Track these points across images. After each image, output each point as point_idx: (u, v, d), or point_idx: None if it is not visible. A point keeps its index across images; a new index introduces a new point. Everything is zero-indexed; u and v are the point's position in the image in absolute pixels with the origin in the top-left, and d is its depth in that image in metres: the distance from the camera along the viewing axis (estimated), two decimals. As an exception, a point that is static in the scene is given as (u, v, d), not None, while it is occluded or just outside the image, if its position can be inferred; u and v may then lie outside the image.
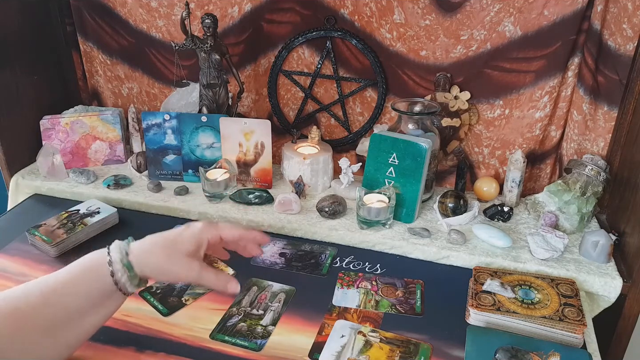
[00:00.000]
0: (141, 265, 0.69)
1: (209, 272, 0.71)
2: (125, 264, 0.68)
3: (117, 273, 0.67)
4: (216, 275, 0.72)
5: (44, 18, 1.31)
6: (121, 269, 0.68)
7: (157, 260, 0.69)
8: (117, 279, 0.67)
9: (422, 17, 1.11)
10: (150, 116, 1.19)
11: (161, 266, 0.69)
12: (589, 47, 1.04)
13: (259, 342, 0.80)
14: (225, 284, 0.72)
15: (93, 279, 0.68)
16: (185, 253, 0.70)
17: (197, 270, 0.70)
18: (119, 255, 0.68)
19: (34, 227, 1.02)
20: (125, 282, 0.68)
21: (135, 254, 0.69)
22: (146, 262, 0.69)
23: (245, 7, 1.20)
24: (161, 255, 0.70)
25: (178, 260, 0.70)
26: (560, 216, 1.06)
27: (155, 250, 0.70)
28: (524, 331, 0.80)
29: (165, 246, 0.70)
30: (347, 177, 1.17)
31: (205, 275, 0.71)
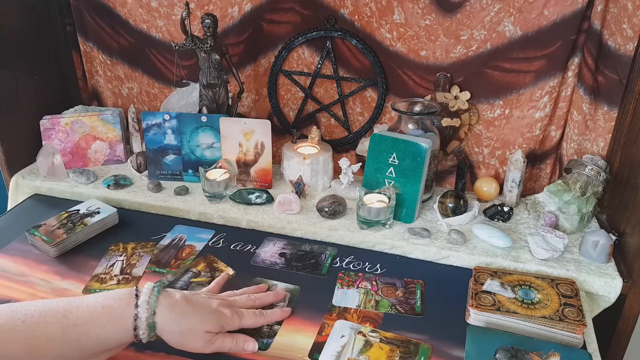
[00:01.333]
0: (163, 329, 0.70)
1: (226, 339, 0.74)
2: (150, 324, 0.68)
3: (139, 329, 0.68)
4: (232, 340, 0.75)
5: (44, 18, 1.31)
6: (145, 328, 0.68)
7: (179, 330, 0.71)
8: (137, 335, 0.68)
9: (422, 17, 1.11)
10: (150, 116, 1.19)
11: (179, 338, 0.71)
12: (589, 47, 1.04)
13: (265, 341, 0.80)
14: (242, 346, 0.76)
15: (115, 327, 0.67)
16: (206, 329, 0.72)
17: (215, 346, 0.73)
18: (146, 314, 0.68)
19: (34, 227, 1.02)
20: (143, 339, 0.69)
21: (161, 315, 0.69)
22: (168, 328, 0.70)
23: (245, 7, 1.20)
24: (184, 326, 0.71)
25: (197, 335, 0.72)
26: (560, 216, 1.06)
27: (181, 319, 0.71)
28: (524, 331, 0.80)
29: (190, 321, 0.72)
30: (347, 177, 1.17)
31: (221, 344, 0.74)
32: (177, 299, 0.72)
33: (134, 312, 0.67)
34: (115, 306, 0.68)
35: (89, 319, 0.66)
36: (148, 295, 0.69)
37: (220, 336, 0.74)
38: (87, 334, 0.65)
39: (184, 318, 0.71)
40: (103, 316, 0.66)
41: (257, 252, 1.02)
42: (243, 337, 0.76)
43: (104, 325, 0.66)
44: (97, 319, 0.66)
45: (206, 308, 0.74)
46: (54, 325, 0.64)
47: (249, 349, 0.76)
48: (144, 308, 0.68)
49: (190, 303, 0.73)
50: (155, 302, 0.69)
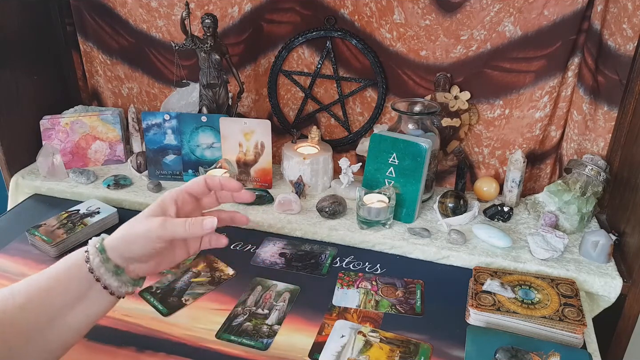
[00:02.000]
0: (114, 246, 0.66)
1: (175, 220, 0.66)
2: (98, 247, 0.65)
3: (90, 257, 0.65)
4: (185, 221, 0.65)
5: (44, 18, 1.31)
6: (94, 252, 0.65)
7: (124, 234, 0.66)
8: (92, 265, 0.64)
9: (422, 17, 1.11)
10: (150, 116, 1.19)
11: (128, 236, 0.66)
12: (589, 47, 1.04)
13: (265, 341, 0.80)
14: (199, 224, 0.65)
15: (72, 270, 0.65)
16: (146, 216, 0.67)
17: (160, 223, 0.65)
18: (94, 241, 0.66)
19: (34, 227, 1.02)
20: (99, 266, 0.65)
21: (109, 238, 0.67)
22: (117, 239, 0.66)
23: (245, 7, 1.20)
24: (126, 228, 0.67)
25: (140, 223, 0.66)
26: (560, 216, 1.06)
27: (122, 227, 0.67)
28: (524, 331, 0.80)
29: (130, 221, 0.67)
30: (347, 177, 1.17)
31: (170, 224, 0.65)
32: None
33: (84, 248, 0.66)
34: (70, 255, 0.67)
35: (49, 275, 0.65)
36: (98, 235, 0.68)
37: (169, 220, 0.66)
38: (48, 288, 0.64)
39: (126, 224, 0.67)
40: (60, 267, 0.65)
41: (257, 252, 1.02)
42: (199, 218, 0.66)
43: (62, 273, 0.65)
44: (56, 272, 0.65)
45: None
46: (20, 293, 0.63)
47: (208, 225, 0.65)
48: (93, 239, 0.67)
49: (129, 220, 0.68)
50: (104, 235, 0.68)
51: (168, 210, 0.68)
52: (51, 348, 0.65)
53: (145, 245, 0.66)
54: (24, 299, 0.63)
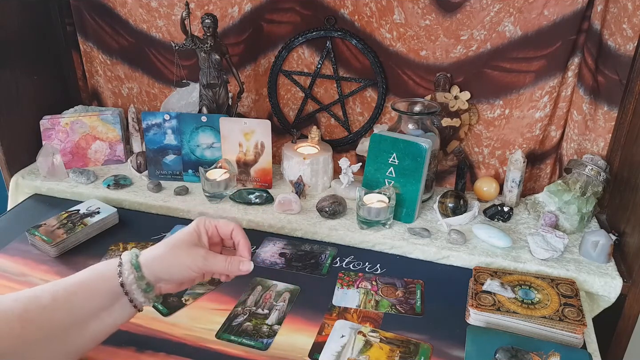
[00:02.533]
0: (148, 264, 0.69)
1: (217, 255, 0.72)
2: (134, 263, 0.68)
3: (124, 273, 0.68)
4: (226, 258, 0.72)
5: (44, 18, 1.31)
6: (129, 268, 0.68)
7: (163, 256, 0.70)
8: (124, 280, 0.67)
9: (422, 17, 1.11)
10: (150, 116, 1.19)
11: (167, 260, 0.70)
12: (589, 47, 1.04)
13: (265, 341, 0.80)
14: (237, 265, 0.73)
15: (100, 280, 0.68)
16: (188, 243, 0.71)
17: (204, 254, 0.71)
18: (129, 257, 0.69)
19: (34, 227, 1.02)
20: (132, 283, 0.68)
21: (144, 256, 0.70)
22: (153, 259, 0.69)
23: (245, 7, 1.20)
24: (166, 251, 0.70)
25: (182, 250, 0.70)
26: (560, 216, 1.06)
27: (160, 249, 0.71)
28: (524, 331, 0.80)
29: (168, 242, 0.71)
30: (347, 177, 1.17)
31: (212, 259, 0.71)
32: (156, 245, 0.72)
33: (119, 260, 0.69)
34: (100, 264, 0.70)
35: (76, 279, 0.67)
36: (131, 250, 0.71)
37: (209, 252, 0.72)
38: (74, 292, 0.66)
39: (162, 245, 0.71)
40: (90, 274, 0.68)
41: (257, 252, 1.02)
42: (237, 258, 0.74)
43: (91, 281, 0.67)
44: (85, 279, 0.68)
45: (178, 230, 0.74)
46: (45, 295, 0.65)
47: (244, 268, 0.73)
48: (127, 254, 0.70)
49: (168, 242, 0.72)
50: (139, 250, 0.71)
51: (202, 238, 0.73)
52: (68, 351, 0.67)
53: (183, 272, 0.71)
54: (49, 300, 0.65)
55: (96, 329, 0.68)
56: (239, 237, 0.76)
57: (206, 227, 0.74)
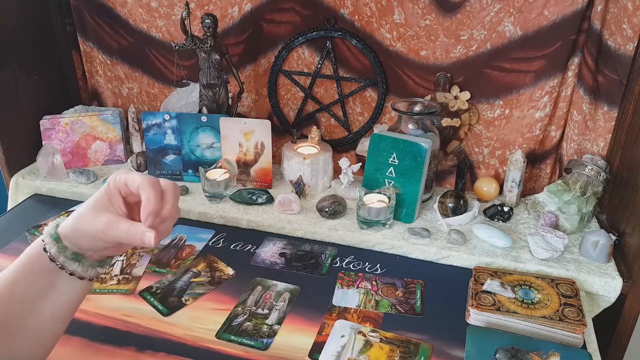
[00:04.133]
0: (67, 234, 0.64)
1: (120, 222, 0.62)
2: (52, 234, 0.64)
3: (47, 247, 0.63)
4: (128, 226, 0.62)
5: (44, 18, 1.31)
6: (50, 241, 0.64)
7: (74, 226, 0.64)
8: (51, 254, 0.63)
9: (422, 17, 1.11)
10: (150, 116, 1.19)
11: (78, 230, 0.63)
12: (589, 47, 1.04)
13: (265, 341, 0.80)
14: (139, 235, 0.61)
15: (33, 261, 0.64)
16: (96, 208, 0.63)
17: (104, 224, 0.62)
18: (49, 230, 0.65)
19: (34, 227, 1.02)
20: (57, 255, 0.63)
21: (62, 225, 0.64)
22: (70, 228, 0.64)
23: (245, 7, 1.20)
24: (77, 219, 0.64)
25: (88, 217, 0.63)
26: (560, 216, 1.06)
27: (75, 215, 0.65)
28: (524, 331, 0.80)
29: (82, 209, 0.64)
30: (347, 177, 1.17)
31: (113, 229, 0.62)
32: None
33: (41, 237, 0.65)
34: (31, 245, 0.66)
35: (13, 268, 0.65)
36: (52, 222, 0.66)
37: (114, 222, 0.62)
38: (14, 281, 0.63)
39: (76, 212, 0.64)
40: (22, 257, 0.65)
41: (257, 252, 1.02)
42: (140, 228, 0.61)
43: (26, 264, 0.64)
44: (19, 263, 0.65)
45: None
46: None
47: (147, 240, 0.61)
48: (48, 227, 0.65)
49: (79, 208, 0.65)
50: (61, 220, 0.65)
51: (113, 200, 0.64)
52: (38, 339, 0.65)
53: (92, 242, 0.64)
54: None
55: (52, 310, 0.64)
56: (143, 195, 0.62)
57: (117, 185, 0.64)
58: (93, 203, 0.64)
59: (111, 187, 0.64)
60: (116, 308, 0.86)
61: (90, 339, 0.77)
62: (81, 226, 0.63)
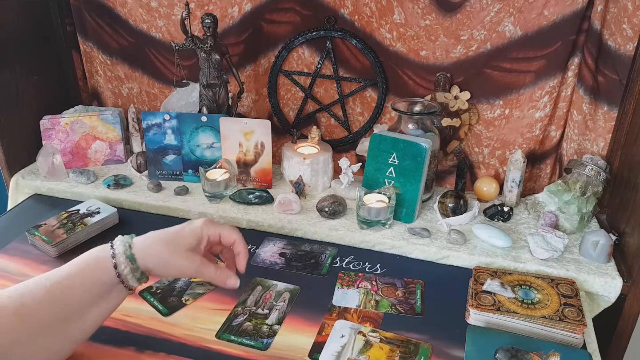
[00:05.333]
0: (144, 258, 0.70)
1: (209, 266, 0.73)
2: (129, 256, 0.69)
3: (120, 265, 0.68)
4: (216, 270, 0.73)
5: (44, 18, 1.31)
6: (124, 261, 0.68)
7: (160, 253, 0.70)
8: (120, 272, 0.68)
9: (422, 17, 1.11)
10: (150, 116, 1.19)
11: (163, 258, 0.70)
12: (589, 47, 1.04)
13: (265, 341, 0.80)
14: (225, 279, 0.74)
15: (96, 271, 0.68)
16: (187, 247, 0.72)
17: (198, 264, 0.72)
18: (122, 248, 0.69)
19: (34, 227, 1.02)
20: (127, 274, 0.69)
21: (138, 247, 0.70)
22: (149, 254, 0.70)
23: (245, 7, 1.20)
24: (163, 248, 0.71)
25: (179, 253, 0.71)
26: (560, 216, 1.06)
27: (157, 243, 0.71)
28: (524, 331, 0.80)
29: (167, 240, 0.72)
30: (347, 177, 1.17)
31: (204, 269, 0.72)
32: (150, 232, 0.73)
33: (111, 251, 0.69)
34: (91, 253, 0.70)
35: (70, 272, 0.68)
36: (122, 237, 0.71)
37: (204, 260, 0.73)
38: (70, 286, 0.67)
39: (160, 240, 0.71)
40: (83, 266, 0.68)
41: (257, 252, 1.02)
42: (227, 270, 0.75)
43: (85, 272, 0.68)
44: (78, 270, 0.68)
45: (179, 225, 0.74)
46: (39, 289, 0.66)
47: (230, 284, 0.74)
48: (120, 244, 0.70)
49: (164, 230, 0.73)
50: (130, 238, 0.71)
51: (201, 244, 0.74)
52: (71, 339, 0.69)
53: (174, 273, 0.74)
54: (44, 294, 0.66)
55: (96, 315, 0.69)
56: (239, 249, 0.77)
57: (209, 234, 0.74)
58: (184, 241, 0.72)
59: (204, 233, 0.73)
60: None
61: (90, 339, 0.77)
62: (169, 258, 0.70)
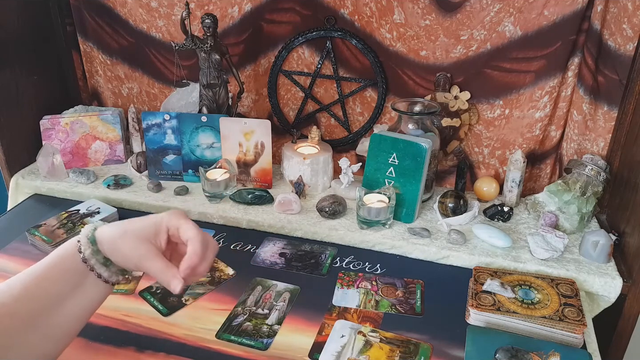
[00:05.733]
0: (102, 242, 0.66)
1: (155, 260, 0.65)
2: (90, 237, 0.66)
3: (82, 247, 0.66)
4: (162, 267, 0.65)
5: (44, 18, 1.31)
6: (85, 242, 0.66)
7: (113, 237, 0.66)
8: (83, 254, 0.66)
9: (422, 17, 1.11)
10: (150, 116, 1.19)
11: (114, 242, 0.66)
12: (589, 47, 1.04)
13: (265, 341, 0.80)
14: (169, 279, 0.64)
15: (66, 259, 0.66)
16: (137, 233, 0.66)
17: (142, 252, 0.65)
18: (86, 231, 0.67)
19: (34, 227, 1.02)
20: (90, 257, 0.66)
21: (100, 230, 0.67)
22: (105, 238, 0.66)
23: (245, 7, 1.20)
24: (117, 231, 0.67)
25: (127, 238, 0.66)
26: (560, 216, 1.06)
27: (116, 226, 0.67)
28: (524, 331, 0.80)
29: (125, 224, 0.68)
30: (347, 177, 1.17)
31: (148, 261, 0.65)
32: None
33: (77, 238, 0.67)
34: (64, 244, 0.68)
35: (44, 264, 0.67)
36: (92, 223, 0.69)
37: (155, 252, 0.65)
38: (45, 278, 0.66)
39: (119, 226, 0.67)
40: (55, 257, 0.67)
41: (257, 252, 1.02)
42: (173, 272, 0.65)
43: (57, 263, 0.67)
44: (50, 259, 0.67)
45: (149, 215, 0.70)
46: (16, 285, 0.65)
47: (173, 286, 0.64)
48: (86, 227, 0.68)
49: (131, 219, 0.69)
50: (101, 223, 0.69)
51: (159, 235, 0.67)
52: (54, 336, 0.67)
53: (123, 260, 0.67)
54: (20, 289, 0.65)
55: (76, 309, 0.67)
56: (189, 249, 0.67)
57: (170, 225, 0.68)
58: (140, 228, 0.67)
59: (163, 225, 0.68)
60: (116, 308, 0.86)
61: (90, 339, 0.77)
62: (120, 244, 0.66)
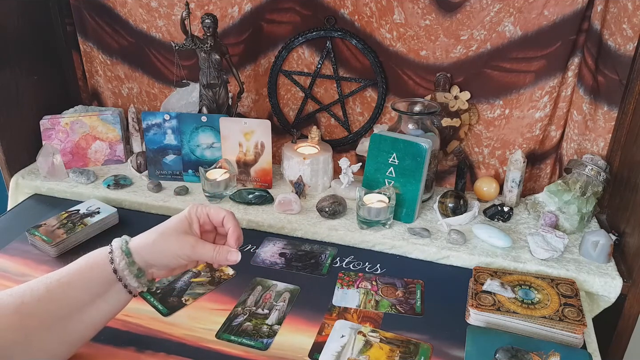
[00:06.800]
0: (139, 251, 0.70)
1: (206, 244, 0.72)
2: (124, 250, 0.69)
3: (116, 259, 0.69)
4: (214, 248, 0.72)
5: (44, 18, 1.31)
6: (119, 254, 0.69)
7: (153, 242, 0.71)
8: (116, 266, 0.69)
9: (422, 17, 1.11)
10: (150, 116, 1.19)
11: (158, 246, 0.70)
12: (589, 47, 1.04)
13: (265, 341, 0.80)
14: (225, 255, 0.72)
15: (95, 269, 0.69)
16: (178, 231, 0.71)
17: (193, 242, 0.71)
18: (119, 243, 0.70)
19: (34, 227, 1.02)
20: (123, 269, 0.69)
21: (134, 242, 0.71)
22: (143, 246, 0.70)
23: (245, 7, 1.20)
24: (156, 236, 0.71)
25: (172, 237, 0.71)
26: (560, 216, 1.06)
27: (150, 234, 0.72)
28: (524, 331, 0.80)
29: (159, 229, 0.72)
30: (347, 177, 1.17)
31: (201, 248, 0.71)
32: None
33: (109, 248, 0.70)
34: (93, 252, 0.71)
35: (70, 270, 0.69)
36: (122, 237, 0.73)
37: (199, 240, 0.72)
38: (69, 283, 0.67)
39: (153, 232, 0.72)
40: (82, 264, 0.69)
41: (257, 252, 1.02)
42: (226, 248, 0.73)
43: (84, 270, 0.69)
44: (78, 269, 0.69)
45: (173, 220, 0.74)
46: (39, 287, 0.67)
47: (232, 258, 0.73)
48: (117, 240, 0.71)
49: (157, 225, 0.73)
50: (129, 237, 0.72)
51: (193, 225, 0.73)
52: (70, 339, 0.69)
53: (172, 260, 0.71)
54: (44, 291, 0.66)
55: (94, 316, 0.70)
56: (229, 225, 0.75)
57: (198, 214, 0.74)
58: (174, 226, 0.72)
59: (192, 215, 0.73)
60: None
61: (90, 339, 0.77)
62: (163, 245, 0.71)
